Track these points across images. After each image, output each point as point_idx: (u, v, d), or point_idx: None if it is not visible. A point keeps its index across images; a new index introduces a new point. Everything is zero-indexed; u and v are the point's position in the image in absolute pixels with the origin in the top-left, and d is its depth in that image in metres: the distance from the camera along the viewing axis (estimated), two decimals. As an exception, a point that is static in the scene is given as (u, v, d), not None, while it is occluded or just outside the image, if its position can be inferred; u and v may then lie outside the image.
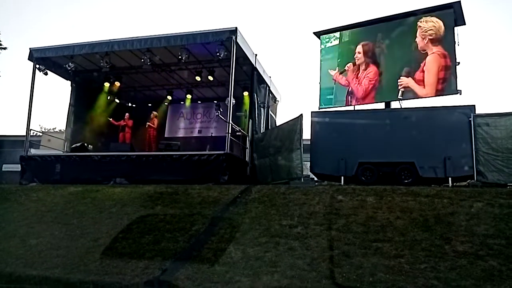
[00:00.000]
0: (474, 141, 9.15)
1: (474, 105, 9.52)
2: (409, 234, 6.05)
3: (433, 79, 10.69)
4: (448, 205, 6.91)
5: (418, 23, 11.15)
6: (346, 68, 12.10)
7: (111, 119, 15.02)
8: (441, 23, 10.83)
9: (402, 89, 11.12)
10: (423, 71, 10.85)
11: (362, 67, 11.87)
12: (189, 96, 16.02)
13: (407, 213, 6.73)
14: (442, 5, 10.93)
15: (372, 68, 11.71)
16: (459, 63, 10.48)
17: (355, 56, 12.02)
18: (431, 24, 10.90)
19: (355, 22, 12.47)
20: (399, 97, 11.19)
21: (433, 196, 7.36)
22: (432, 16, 10.98)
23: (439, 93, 10.70)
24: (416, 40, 11.11)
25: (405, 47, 11.37)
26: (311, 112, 10.81)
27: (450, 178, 9.21)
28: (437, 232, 6.05)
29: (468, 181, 9.39)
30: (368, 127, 10.20)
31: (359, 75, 11.86)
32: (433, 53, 10.78)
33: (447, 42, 10.73)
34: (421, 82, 10.86)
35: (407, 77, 11.09)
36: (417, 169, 9.45)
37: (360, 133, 10.16)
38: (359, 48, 11.99)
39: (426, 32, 10.95)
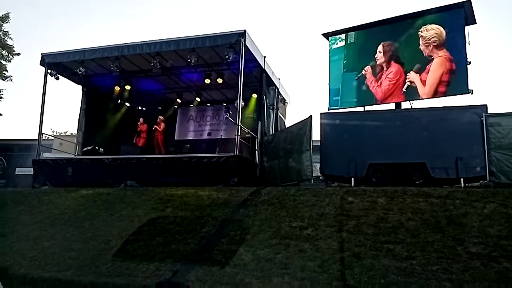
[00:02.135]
0: (487, 141, 9.02)
1: (486, 105, 9.40)
2: (421, 236, 5.98)
3: (434, 81, 10.79)
4: (460, 206, 6.82)
5: (419, 33, 11.25)
6: (363, 72, 12.02)
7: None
8: (441, 28, 10.94)
9: (408, 83, 11.18)
10: (427, 73, 10.95)
11: (384, 68, 11.78)
12: (198, 99, 16.11)
13: (419, 214, 6.66)
14: (452, 4, 10.85)
15: (394, 68, 11.62)
16: (470, 62, 10.39)
17: (375, 56, 11.92)
18: (433, 32, 11.03)
19: (362, 24, 12.45)
20: (403, 90, 11.24)
21: (445, 197, 7.27)
22: (432, 24, 11.09)
23: (440, 95, 10.74)
24: (420, 47, 11.19)
25: (413, 49, 11.36)
26: (321, 113, 10.75)
27: (462, 179, 9.09)
28: (449, 233, 5.97)
29: (481, 181, 9.24)
30: (378, 128, 10.11)
31: (381, 76, 11.76)
32: (440, 56, 10.85)
33: (451, 45, 10.70)
34: (425, 83, 10.99)
35: (417, 73, 11.11)
36: (429, 170, 9.35)
37: (370, 134, 10.07)
38: (380, 48, 11.90)
39: (429, 40, 11.06)
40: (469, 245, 5.58)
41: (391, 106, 11.64)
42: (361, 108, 11.88)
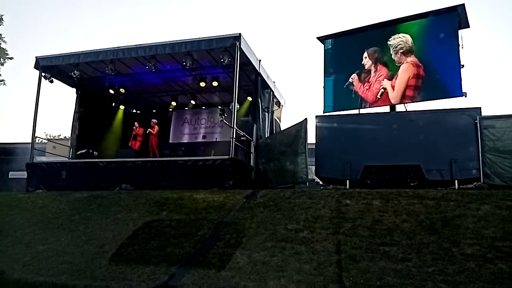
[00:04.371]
0: (481, 143, 9.10)
1: (480, 107, 9.49)
2: (416, 238, 6.00)
3: (401, 85, 11.36)
4: (455, 208, 6.86)
5: (388, 42, 11.71)
6: (350, 79, 12.14)
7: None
8: (408, 36, 11.51)
9: (382, 90, 11.61)
10: (396, 78, 11.48)
11: (372, 70, 11.94)
12: (193, 102, 16.10)
13: (414, 216, 6.69)
14: (446, 8, 10.95)
15: (382, 71, 11.82)
16: (463, 65, 10.52)
17: (362, 62, 12.09)
18: (399, 40, 11.62)
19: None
20: (377, 97, 11.71)
21: (440, 198, 7.31)
22: (399, 33, 11.63)
23: (409, 99, 11.22)
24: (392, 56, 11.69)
25: (390, 56, 11.72)
26: (316, 116, 10.81)
27: (456, 181, 9.15)
28: (444, 235, 6.00)
29: (475, 183, 9.32)
30: (373, 130, 10.16)
31: (370, 80, 11.93)
32: (407, 62, 11.35)
33: (445, 49, 10.90)
34: (394, 88, 11.53)
35: (389, 80, 11.57)
36: (423, 172, 9.40)
37: (365, 136, 10.12)
38: (365, 54, 12.09)
39: (396, 47, 11.61)
40: (464, 247, 5.61)
41: (382, 109, 11.85)
42: (356, 111, 11.96)
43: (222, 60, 11.62)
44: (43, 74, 13.29)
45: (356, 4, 63.17)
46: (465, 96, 10.37)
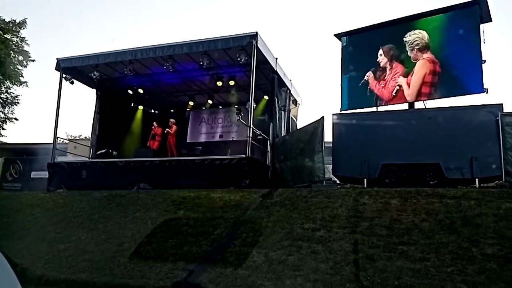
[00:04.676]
0: (502, 140, 8.86)
1: (502, 104, 9.24)
2: (435, 237, 5.89)
3: (417, 82, 11.19)
4: (475, 207, 6.70)
5: (403, 39, 11.55)
6: (366, 77, 12.03)
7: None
8: (424, 33, 11.33)
9: (397, 87, 11.46)
10: (412, 75, 11.34)
11: (388, 67, 11.82)
12: (210, 101, 16.20)
13: (433, 215, 6.57)
14: (467, 2, 10.71)
15: (398, 68, 11.70)
16: (485, 61, 10.25)
17: (377, 60, 11.95)
18: (415, 36, 11.47)
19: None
20: (393, 94, 11.57)
21: (460, 197, 7.15)
22: (415, 29, 11.47)
23: (426, 96, 11.04)
24: (407, 52, 11.55)
25: (405, 54, 11.61)
26: (333, 114, 10.72)
27: (477, 179, 8.94)
28: (464, 234, 5.86)
29: (496, 182, 9.08)
30: (391, 128, 10.02)
31: (385, 77, 11.81)
32: (423, 59, 11.19)
33: (466, 44, 10.68)
34: (410, 85, 11.39)
35: (404, 77, 11.43)
36: (443, 170, 9.21)
37: (383, 134, 9.98)
38: (380, 51, 11.96)
39: (412, 44, 11.46)
40: (484, 247, 5.48)
41: (400, 106, 11.68)
42: (373, 108, 11.83)
43: (239, 59, 11.64)
44: (64, 75, 13.58)
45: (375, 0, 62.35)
46: (487, 93, 10.11)
